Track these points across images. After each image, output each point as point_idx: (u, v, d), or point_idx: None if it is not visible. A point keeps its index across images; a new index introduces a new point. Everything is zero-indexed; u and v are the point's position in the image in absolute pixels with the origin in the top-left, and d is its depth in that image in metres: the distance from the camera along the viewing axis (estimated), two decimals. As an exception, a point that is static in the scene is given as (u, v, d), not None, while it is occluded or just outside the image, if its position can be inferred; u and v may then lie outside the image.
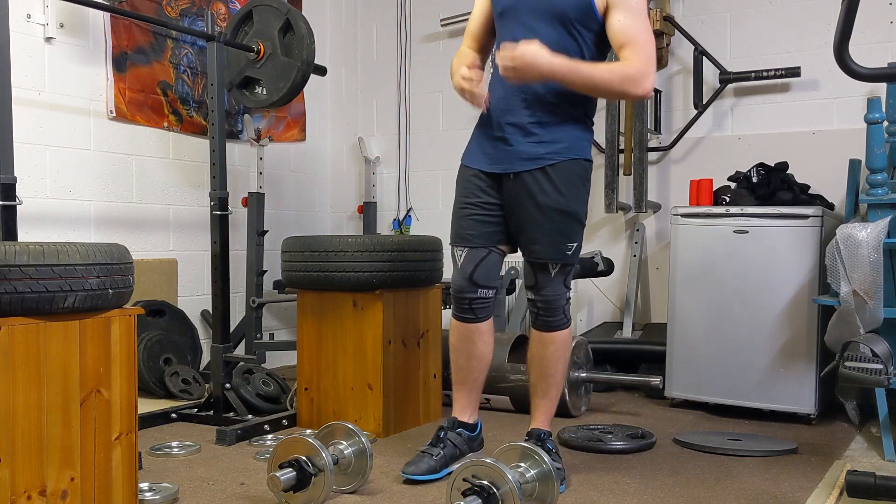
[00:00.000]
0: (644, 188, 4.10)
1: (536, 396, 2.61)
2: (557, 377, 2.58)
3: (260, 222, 4.35)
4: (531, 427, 2.60)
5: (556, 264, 2.47)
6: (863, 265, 2.85)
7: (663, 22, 4.09)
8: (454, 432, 2.63)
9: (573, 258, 2.50)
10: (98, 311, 2.04)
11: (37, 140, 3.61)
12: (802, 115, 3.97)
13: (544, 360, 2.56)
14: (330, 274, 3.09)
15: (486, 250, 2.55)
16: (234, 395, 3.32)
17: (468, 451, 2.65)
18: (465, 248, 2.56)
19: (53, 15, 3.64)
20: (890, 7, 3.77)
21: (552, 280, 2.49)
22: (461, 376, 2.65)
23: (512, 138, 2.46)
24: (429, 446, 2.60)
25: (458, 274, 2.58)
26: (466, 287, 2.56)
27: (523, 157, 2.44)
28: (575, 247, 2.49)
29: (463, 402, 2.66)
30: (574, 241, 2.48)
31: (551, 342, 2.54)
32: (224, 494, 2.42)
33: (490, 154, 2.51)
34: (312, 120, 5.18)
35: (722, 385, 3.44)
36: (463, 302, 2.58)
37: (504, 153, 2.47)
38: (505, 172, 2.48)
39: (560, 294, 2.51)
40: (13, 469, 1.86)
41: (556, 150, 2.43)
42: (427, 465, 2.52)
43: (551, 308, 2.51)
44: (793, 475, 2.61)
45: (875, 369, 2.27)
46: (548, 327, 2.54)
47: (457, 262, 2.59)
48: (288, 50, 3.50)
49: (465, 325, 2.60)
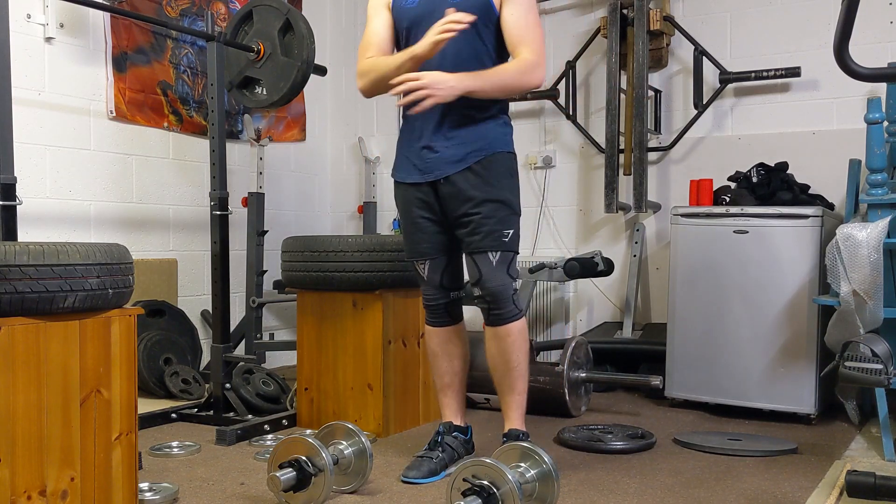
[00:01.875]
0: (644, 188, 4.10)
1: (504, 394, 2.64)
2: (521, 369, 2.60)
3: (260, 222, 4.35)
4: (507, 428, 2.63)
5: (495, 252, 2.52)
6: (863, 265, 2.85)
7: (663, 22, 4.09)
8: (451, 436, 2.67)
9: (511, 245, 2.56)
10: (98, 311, 2.04)
11: (37, 140, 3.61)
12: (802, 115, 3.97)
13: (504, 354, 2.58)
14: (330, 274, 3.09)
15: (446, 258, 2.65)
16: (234, 395, 3.32)
17: (464, 454, 2.67)
18: (426, 260, 2.65)
19: (53, 15, 3.64)
20: (890, 7, 3.77)
21: (494, 269, 2.52)
22: (447, 380, 2.71)
23: (436, 145, 2.54)
24: (427, 450, 2.62)
25: (427, 285, 2.67)
26: (439, 295, 2.67)
27: (450, 161, 2.53)
28: (512, 234, 2.55)
29: (454, 406, 2.72)
30: (510, 229, 2.54)
31: (507, 335, 2.57)
32: (224, 494, 2.42)
33: (418, 165, 2.58)
34: (312, 120, 5.18)
35: (722, 385, 3.45)
36: (438, 309, 2.68)
37: (431, 161, 2.55)
38: (436, 179, 2.55)
39: (506, 284, 2.54)
40: (13, 469, 1.86)
41: (478, 148, 2.53)
42: (428, 468, 2.54)
43: (499, 299, 2.54)
44: (793, 475, 2.61)
45: (875, 369, 2.27)
46: (500, 320, 2.56)
47: (422, 275, 2.67)
48: (288, 50, 3.50)
49: (443, 328, 2.69)
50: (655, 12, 4.06)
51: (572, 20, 4.55)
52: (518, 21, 2.48)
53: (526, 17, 2.49)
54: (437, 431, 2.68)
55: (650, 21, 4.06)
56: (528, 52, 2.47)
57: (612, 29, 4.12)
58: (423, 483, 2.50)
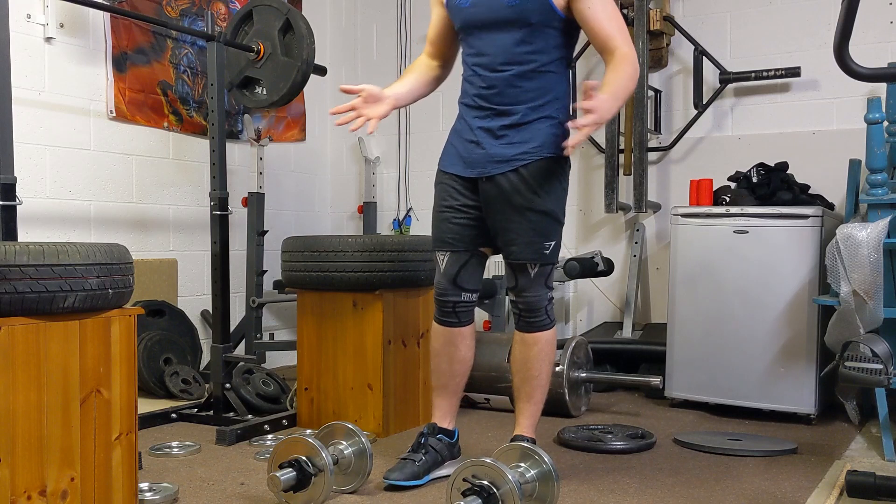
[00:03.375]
0: (644, 188, 4.10)
1: (521, 400, 2.59)
2: (542, 379, 2.55)
3: (260, 222, 4.35)
4: (515, 433, 2.57)
5: (534, 265, 2.46)
6: (863, 265, 2.85)
7: (663, 22, 4.09)
8: (435, 438, 2.58)
9: (552, 258, 2.50)
10: (98, 311, 2.04)
11: (37, 140, 3.61)
12: (802, 115, 3.98)
13: (528, 361, 2.54)
14: (330, 274, 3.09)
15: (468, 254, 2.56)
16: (234, 395, 3.32)
17: (449, 458, 2.60)
18: (447, 251, 2.56)
19: (53, 15, 3.64)
20: (890, 7, 3.77)
21: (532, 281, 2.48)
22: (443, 381, 2.64)
23: (484, 141, 2.47)
24: (410, 452, 2.55)
25: (442, 277, 2.58)
26: (450, 290, 2.57)
27: (496, 160, 2.45)
28: (553, 246, 2.48)
29: (444, 408, 2.64)
30: (552, 240, 2.48)
31: (535, 343, 2.53)
32: (224, 494, 2.42)
33: (465, 158, 2.51)
34: (312, 120, 5.18)
35: (722, 385, 3.44)
36: (446, 305, 2.58)
37: (477, 157, 2.48)
38: (479, 176, 2.48)
39: (541, 296, 2.50)
40: (13, 469, 1.86)
41: (526, 151, 2.43)
42: (411, 471, 2.48)
43: (533, 309, 2.51)
44: (793, 475, 2.61)
45: (875, 369, 2.27)
46: (530, 328, 2.53)
47: (439, 266, 2.59)
48: (288, 50, 3.50)
49: (449, 329, 2.60)
50: (655, 12, 4.06)
51: (572, 20, 4.55)
52: (597, 15, 2.36)
53: (604, 8, 2.36)
54: (421, 433, 2.60)
55: (650, 21, 4.06)
56: (623, 45, 2.35)
57: (612, 29, 4.12)
58: (405, 485, 2.45)
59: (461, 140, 2.53)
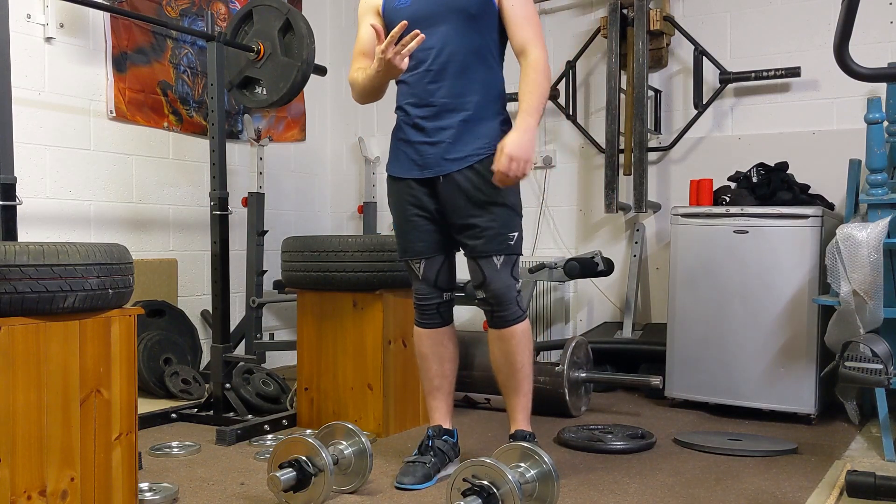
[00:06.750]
0: (644, 188, 4.10)
1: (510, 396, 2.62)
2: (526, 370, 2.59)
3: (260, 222, 4.35)
4: (513, 430, 2.60)
5: (500, 256, 2.50)
6: (863, 265, 2.85)
7: (663, 22, 4.09)
8: (440, 440, 2.62)
9: (516, 248, 2.54)
10: (98, 311, 2.04)
11: (37, 140, 3.61)
12: (802, 115, 3.97)
13: (509, 356, 2.57)
14: (330, 274, 3.09)
15: (442, 256, 2.62)
16: (234, 395, 3.32)
17: (453, 458, 2.64)
18: (421, 259, 2.61)
19: (53, 15, 3.64)
20: (890, 7, 3.77)
21: (499, 272, 2.51)
22: (437, 383, 2.67)
23: (435, 139, 2.50)
24: (418, 455, 2.58)
25: (422, 283, 2.63)
26: (433, 294, 2.63)
27: (450, 158, 2.48)
28: (516, 236, 2.52)
29: (443, 410, 2.68)
30: (515, 231, 2.52)
31: (511, 337, 2.55)
32: (224, 494, 2.42)
33: (417, 161, 2.53)
34: (312, 120, 5.18)
35: (722, 385, 3.44)
36: (430, 308, 2.64)
37: (431, 157, 2.51)
38: (436, 175, 2.51)
39: (510, 286, 2.52)
40: (13, 469, 1.86)
41: (480, 147, 2.47)
42: (423, 473, 2.50)
43: (503, 302, 2.52)
44: (793, 475, 2.61)
45: (875, 369, 2.27)
46: (504, 323, 2.55)
47: (416, 273, 2.63)
48: (288, 50, 3.50)
49: (434, 330, 2.66)
50: (655, 12, 4.06)
51: (572, 20, 4.55)
52: (517, 14, 2.46)
53: (524, 9, 2.47)
54: (427, 435, 2.63)
55: (650, 21, 4.06)
56: (536, 49, 2.44)
57: (612, 29, 4.12)
58: (419, 489, 2.47)
59: (409, 144, 2.55)
